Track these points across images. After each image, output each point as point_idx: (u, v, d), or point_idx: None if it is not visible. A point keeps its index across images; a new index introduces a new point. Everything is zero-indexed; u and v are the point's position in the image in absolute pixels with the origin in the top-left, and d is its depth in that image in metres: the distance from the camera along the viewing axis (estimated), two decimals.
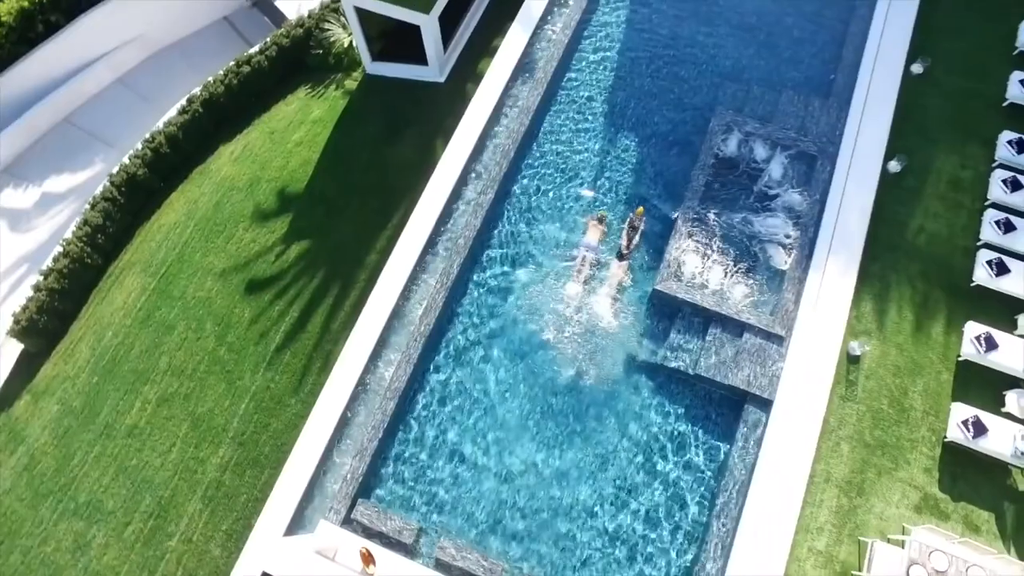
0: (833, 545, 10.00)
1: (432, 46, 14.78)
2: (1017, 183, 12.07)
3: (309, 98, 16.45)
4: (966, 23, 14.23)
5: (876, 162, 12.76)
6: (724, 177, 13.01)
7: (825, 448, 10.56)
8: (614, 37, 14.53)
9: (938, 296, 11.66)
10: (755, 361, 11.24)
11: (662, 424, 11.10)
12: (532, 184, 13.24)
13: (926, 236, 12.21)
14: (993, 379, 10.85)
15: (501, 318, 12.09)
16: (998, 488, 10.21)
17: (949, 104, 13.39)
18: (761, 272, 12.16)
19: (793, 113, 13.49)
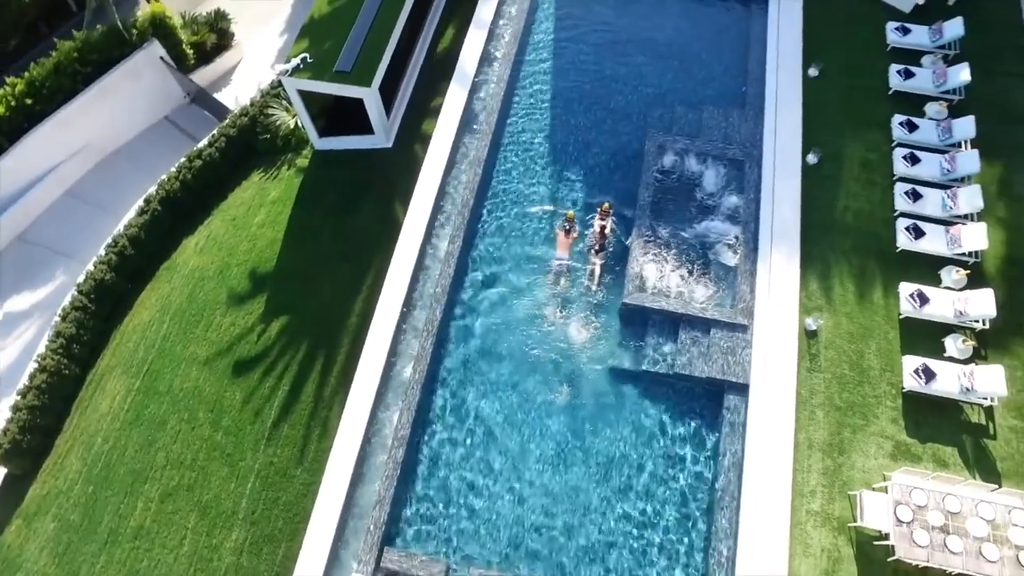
0: (827, 504, 11.18)
1: (376, 115, 16.15)
2: (915, 157, 14.08)
3: (264, 181, 17.51)
4: (844, 30, 16.59)
5: (796, 158, 14.62)
6: (667, 192, 14.61)
7: (803, 418, 11.85)
8: (544, 83, 16.24)
9: (872, 265, 13.35)
10: (725, 352, 12.59)
11: (653, 424, 12.22)
12: (494, 225, 14.52)
13: (851, 214, 14.00)
14: (932, 329, 12.48)
15: (489, 352, 13.13)
16: (955, 424, 11.68)
17: (845, 98, 15.49)
18: (716, 271, 13.65)
19: (716, 126, 15.34)
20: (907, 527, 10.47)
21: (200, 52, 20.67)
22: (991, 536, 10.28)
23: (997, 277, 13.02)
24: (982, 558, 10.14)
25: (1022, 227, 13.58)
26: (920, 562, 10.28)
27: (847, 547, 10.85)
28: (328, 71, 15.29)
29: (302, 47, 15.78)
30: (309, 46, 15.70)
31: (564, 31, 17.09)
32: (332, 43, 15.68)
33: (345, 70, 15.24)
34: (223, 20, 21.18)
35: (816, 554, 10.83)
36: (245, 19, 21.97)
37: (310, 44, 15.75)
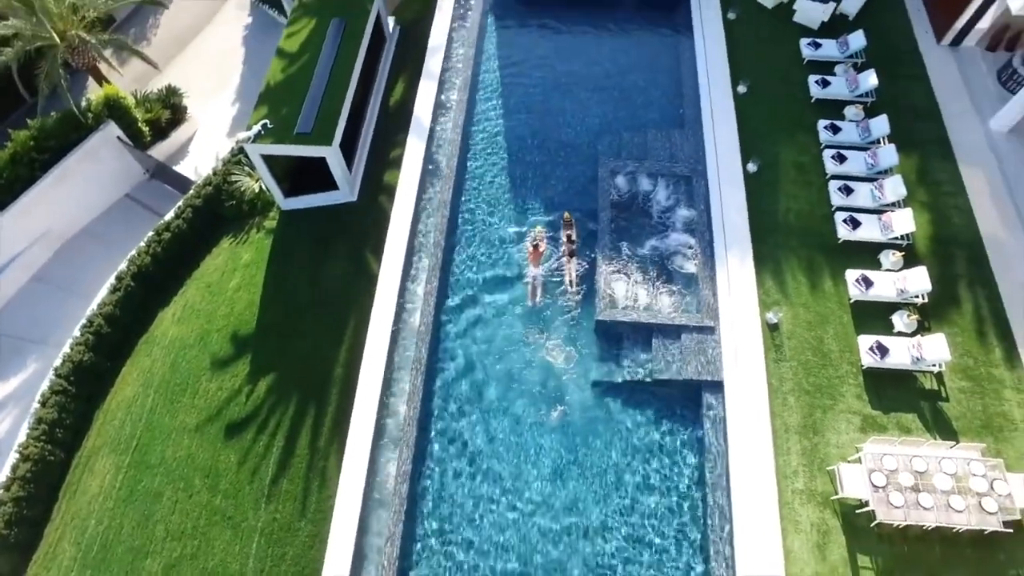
0: (809, 481, 12.17)
1: (339, 171, 17.08)
2: (842, 156, 15.72)
3: (235, 246, 18.14)
4: (763, 49, 18.43)
5: (737, 168, 16.09)
6: (624, 212, 15.85)
7: (776, 405, 12.92)
8: (498, 123, 17.49)
9: (818, 257, 14.73)
10: (697, 353, 13.67)
11: (640, 430, 13.13)
12: (467, 260, 15.46)
13: (793, 214, 15.43)
14: (879, 309, 13.84)
15: (478, 381, 13.93)
16: (912, 392, 12.94)
17: (774, 110, 17.16)
18: (678, 280, 14.83)
19: (661, 147, 16.77)
20: (883, 491, 11.52)
21: (155, 128, 21.37)
22: (955, 488, 11.41)
23: (928, 255, 14.56)
24: (951, 509, 11.23)
25: (942, 208, 15.26)
26: (899, 522, 11.30)
27: (833, 519, 11.83)
28: (289, 134, 16.23)
29: (261, 114, 16.69)
30: (268, 112, 16.63)
31: (510, 74, 18.48)
32: (290, 107, 16.67)
33: (306, 131, 16.20)
34: (175, 95, 21.97)
35: (806, 529, 11.76)
36: (196, 92, 22.82)
37: (269, 110, 16.68)
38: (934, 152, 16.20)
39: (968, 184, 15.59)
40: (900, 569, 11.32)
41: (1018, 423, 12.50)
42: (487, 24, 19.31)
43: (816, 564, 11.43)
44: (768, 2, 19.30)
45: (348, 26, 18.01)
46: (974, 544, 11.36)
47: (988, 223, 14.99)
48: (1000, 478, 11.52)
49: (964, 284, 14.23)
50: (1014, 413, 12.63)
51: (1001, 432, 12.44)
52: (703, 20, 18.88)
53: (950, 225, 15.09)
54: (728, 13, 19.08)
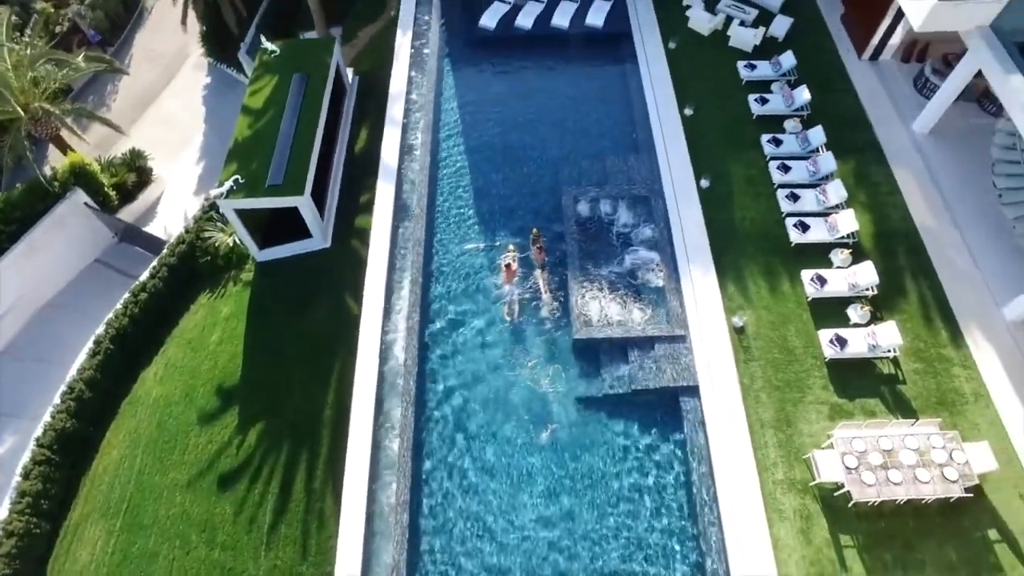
0: (788, 471, 13.04)
1: (312, 220, 17.80)
2: (786, 166, 17.10)
3: (213, 301, 18.60)
4: (704, 73, 19.93)
5: (691, 185, 17.31)
6: (590, 236, 16.84)
7: (750, 402, 13.84)
8: (462, 161, 18.49)
9: (774, 262, 15.89)
10: (672, 361, 14.58)
11: (625, 439, 13.89)
12: (445, 293, 16.19)
13: (748, 223, 16.64)
14: (835, 304, 14.99)
15: (468, 407, 14.52)
16: (872, 378, 14.03)
17: (719, 128, 18.54)
18: (647, 294, 15.81)
19: (619, 171, 17.95)
20: (855, 472, 12.45)
21: (122, 191, 21.91)
22: (920, 462, 12.41)
23: (873, 250, 15.86)
24: (918, 481, 12.21)
25: (880, 206, 16.67)
26: (873, 499, 12.22)
27: (814, 504, 12.68)
28: (261, 187, 16.93)
29: (232, 170, 17.34)
30: (238, 168, 17.29)
31: (470, 114, 19.57)
32: (259, 161, 17.40)
33: (277, 183, 16.93)
34: (140, 158, 22.58)
35: (790, 517, 12.57)
36: (160, 153, 23.48)
37: (239, 166, 17.35)
38: (867, 156, 17.71)
39: (900, 182, 17.08)
40: (879, 544, 12.18)
41: (968, 396, 13.68)
42: (444, 69, 20.48)
43: (802, 549, 12.23)
44: (704, 30, 20.95)
45: (310, 80, 18.97)
46: (942, 512, 12.33)
47: (921, 215, 16.44)
48: (958, 448, 12.58)
49: (907, 273, 15.53)
50: (964, 388, 13.81)
51: (954, 406, 13.58)
52: (646, 51, 20.39)
53: (889, 221, 16.48)
54: (669, 43, 20.64)
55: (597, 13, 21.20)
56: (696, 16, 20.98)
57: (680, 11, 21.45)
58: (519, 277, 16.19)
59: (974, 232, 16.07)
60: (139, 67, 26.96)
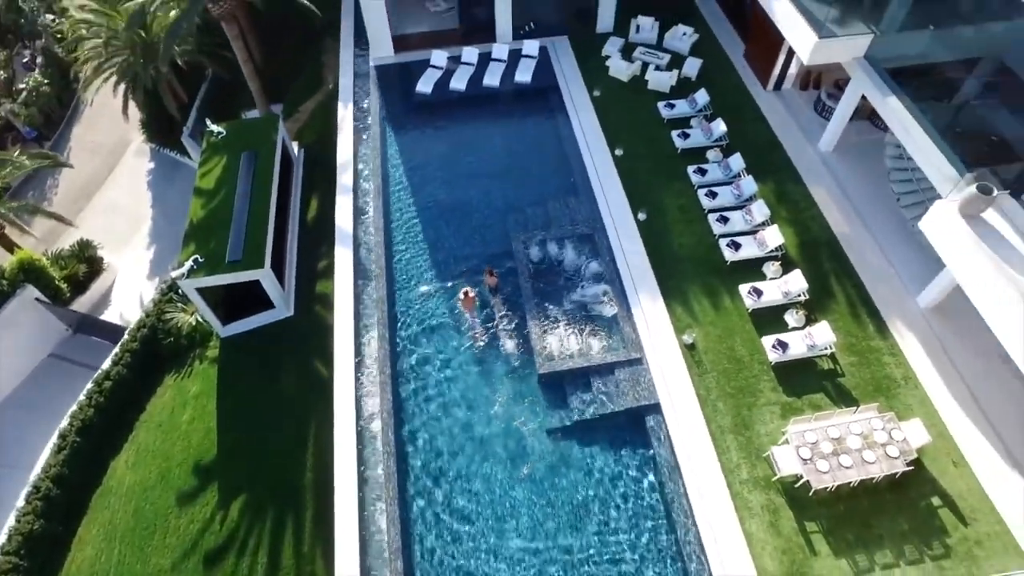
0: (751, 471, 14.22)
1: (274, 290, 18.53)
2: (713, 193, 18.90)
3: (180, 380, 18.91)
4: (629, 116, 21.84)
5: (630, 219, 18.87)
6: (542, 276, 18.07)
7: (708, 412, 15.06)
8: (415, 219, 19.59)
9: (713, 281, 17.43)
10: (632, 383, 15.74)
11: (599, 461, 14.86)
12: (413, 346, 17.01)
13: (685, 248, 18.22)
14: (773, 312, 16.55)
15: (447, 453, 15.20)
16: (815, 375, 15.51)
17: (649, 164, 20.32)
18: (602, 324, 17.04)
19: (562, 214, 19.38)
20: (811, 463, 13.71)
21: (74, 283, 22.10)
22: (865, 445, 13.80)
23: (800, 259, 17.61)
24: (865, 463, 13.56)
25: (800, 219, 18.56)
26: (829, 485, 13.48)
27: (778, 497, 13.85)
28: (222, 264, 17.63)
29: (190, 250, 17.99)
30: (196, 247, 17.98)
31: (417, 174, 20.77)
32: (217, 239, 18.15)
33: (237, 259, 17.67)
34: (89, 248, 22.90)
35: (759, 512, 13.68)
36: (109, 241, 23.85)
37: (197, 245, 18.04)
38: (783, 175, 19.74)
39: (815, 196, 19.08)
40: (841, 525, 13.39)
41: (899, 381, 15.28)
42: (387, 134, 21.76)
43: (773, 540, 13.32)
44: (624, 77, 23.02)
45: (258, 158, 19.97)
46: (890, 488, 13.69)
47: (837, 224, 18.39)
48: (896, 428, 14.03)
49: (832, 277, 17.28)
50: (894, 373, 15.42)
51: (888, 391, 15.15)
52: (574, 101, 22.25)
53: (810, 232, 18.35)
54: (593, 91, 22.58)
55: (524, 70, 23.08)
56: (615, 65, 23.09)
57: (600, 62, 23.56)
58: (477, 306, 17.45)
59: (883, 233, 18.06)
60: (79, 158, 27.38)
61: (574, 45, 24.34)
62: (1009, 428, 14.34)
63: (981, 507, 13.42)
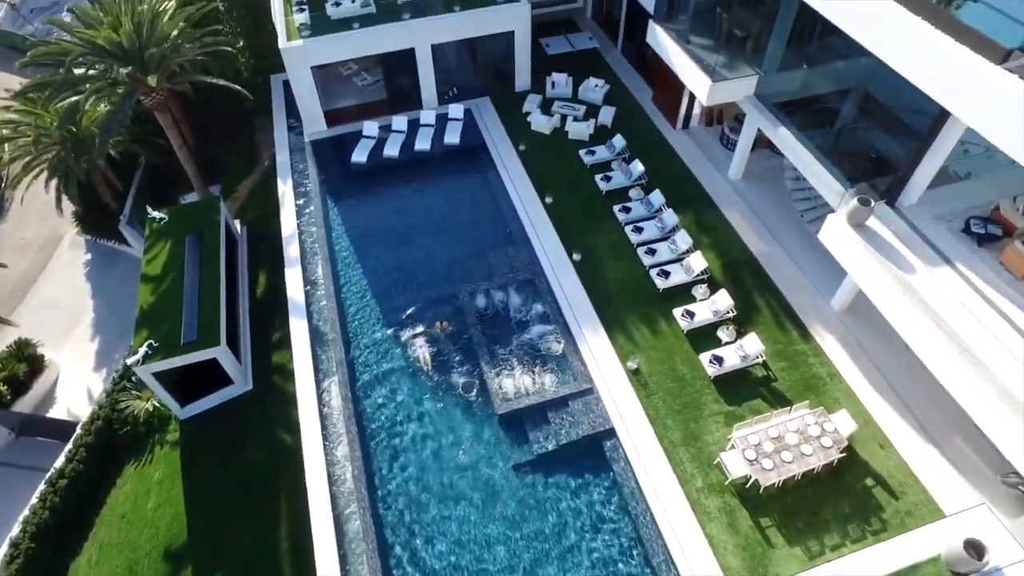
0: (705, 478, 15.45)
1: (231, 366, 19.01)
2: (639, 228, 20.67)
3: (142, 469, 18.92)
4: (554, 165, 23.62)
5: (566, 261, 20.36)
6: (491, 323, 19.25)
7: (659, 430, 16.32)
8: (364, 284, 20.47)
9: (649, 308, 18.98)
10: (587, 412, 16.91)
11: (565, 489, 15.82)
12: (376, 405, 17.72)
13: (620, 282, 19.77)
14: (706, 331, 18.14)
15: (422, 506, 15.83)
16: (751, 383, 17.07)
17: (578, 209, 22.01)
18: (552, 361, 18.24)
19: (502, 262, 20.74)
20: (757, 463, 15.06)
21: (14, 384, 21.82)
22: (802, 439, 15.28)
23: (724, 279, 19.42)
24: (804, 456, 15.02)
25: (720, 243, 20.49)
26: (775, 481, 14.83)
27: (732, 499, 15.09)
28: (177, 346, 18.07)
29: (143, 336, 18.36)
30: (149, 333, 18.37)
31: (361, 239, 21.79)
32: (170, 322, 18.62)
33: (192, 339, 18.16)
34: (28, 347, 22.73)
35: (717, 516, 14.86)
36: (50, 337, 23.71)
37: (150, 330, 18.44)
38: (700, 205, 21.76)
39: (731, 221, 21.11)
40: (791, 516, 14.71)
41: (824, 378, 17.00)
42: (328, 205, 22.79)
43: (733, 539, 14.49)
44: (546, 130, 24.93)
45: (203, 239, 20.66)
46: (830, 476, 15.16)
47: (753, 243, 20.39)
48: (827, 420, 15.61)
49: (755, 292, 19.11)
50: (820, 372, 17.14)
51: (817, 388, 16.82)
52: (502, 157, 23.93)
53: (730, 253, 20.25)
54: (519, 146, 24.34)
55: (452, 133, 24.71)
56: (536, 120, 25.02)
57: (522, 118, 25.45)
58: (434, 355, 18.64)
59: (794, 247, 20.11)
60: (10, 258, 27.14)
61: (496, 105, 26.26)
62: (922, 407, 16.14)
63: (908, 481, 15.04)
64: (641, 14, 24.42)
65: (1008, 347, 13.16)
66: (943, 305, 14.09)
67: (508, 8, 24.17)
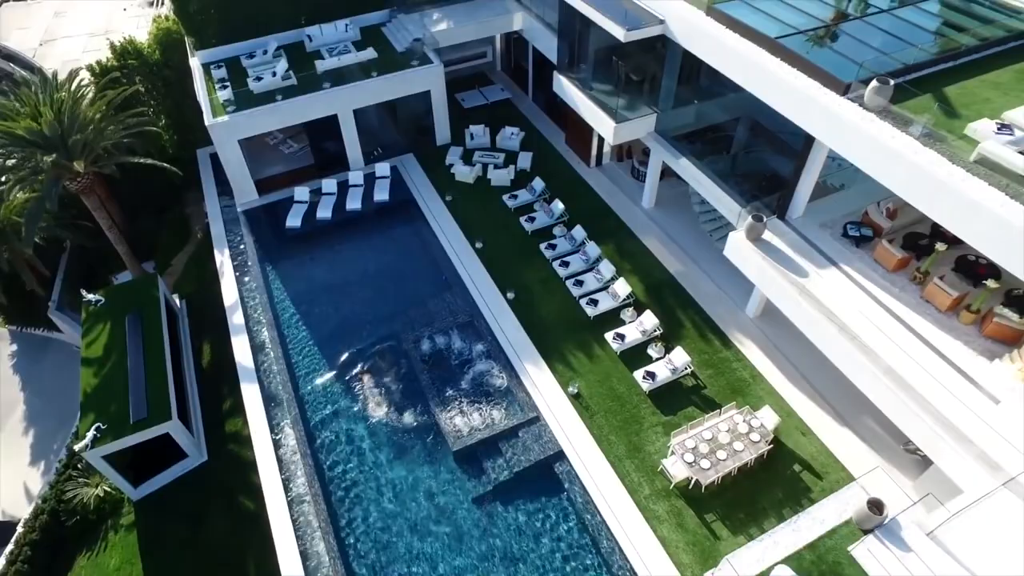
0: (651, 485, 16.75)
1: (184, 440, 19.22)
2: (566, 262, 22.31)
3: (96, 558, 18.74)
4: (480, 211, 25.11)
5: (501, 300, 21.68)
6: (437, 366, 20.26)
7: (604, 447, 17.59)
8: (311, 345, 21.16)
9: (583, 335, 20.45)
10: (536, 439, 18.05)
11: (524, 513, 16.81)
12: (336, 460, 18.27)
13: (553, 314, 21.21)
14: (637, 349, 19.72)
15: (387, 540, 16.50)
16: (682, 393, 18.67)
17: (507, 251, 23.47)
18: (498, 396, 19.35)
19: (442, 308, 21.87)
20: (696, 465, 16.49)
21: None
22: (733, 438, 16.86)
23: (648, 301, 21.16)
24: (737, 453, 16.57)
25: (641, 268, 22.32)
26: (714, 478, 16.27)
27: (678, 500, 16.42)
28: (127, 425, 18.21)
29: (90, 419, 18.38)
30: (96, 415, 18.43)
31: (304, 300, 22.52)
32: (117, 402, 18.74)
33: (143, 416, 18.34)
34: None
35: (666, 518, 16.13)
36: None
37: (96, 413, 18.50)
38: (620, 235, 23.65)
39: (649, 246, 23.04)
40: (732, 509, 16.14)
41: (748, 380, 18.79)
42: (267, 271, 23.40)
43: (683, 536, 15.76)
44: (469, 179, 26.50)
45: (143, 317, 20.94)
46: (762, 467, 16.75)
47: (672, 265, 22.32)
48: (753, 417, 17.28)
49: (678, 309, 20.91)
50: (743, 375, 18.93)
51: (741, 390, 18.57)
52: (430, 208, 25.28)
53: (652, 276, 22.08)
54: (446, 196, 25.76)
55: (381, 190, 25.94)
56: (459, 171, 26.58)
57: (446, 170, 26.97)
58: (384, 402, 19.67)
59: (709, 264, 22.12)
60: None
61: (420, 160, 27.74)
62: (834, 395, 18.04)
63: (829, 461, 16.80)
64: (547, 64, 26.63)
65: (886, 332, 15.23)
66: (832, 301, 16.11)
67: (423, 70, 25.92)
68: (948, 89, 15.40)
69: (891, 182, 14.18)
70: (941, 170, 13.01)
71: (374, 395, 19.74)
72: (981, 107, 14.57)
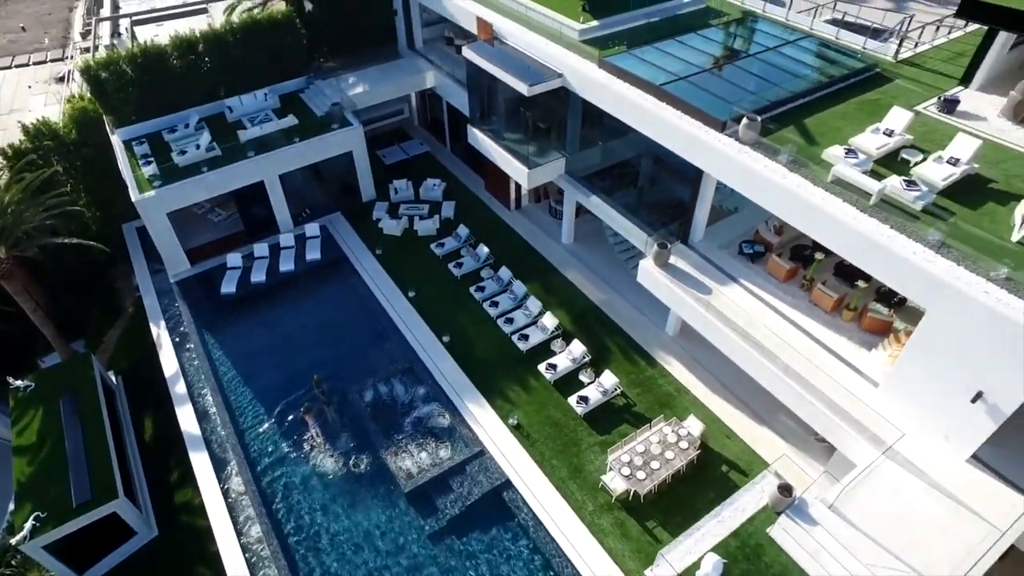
0: (594, 501, 17.88)
1: (133, 517, 19.00)
2: (495, 302, 23.60)
3: None
4: (410, 262, 26.22)
5: (437, 344, 22.68)
6: (382, 411, 20.96)
7: (547, 470, 18.66)
8: (254, 403, 21.44)
9: (518, 368, 21.64)
10: (483, 472, 18.96)
11: (480, 543, 17.56)
12: (299, 517, 18.54)
13: (488, 351, 22.35)
14: (569, 376, 21.08)
15: None
16: (615, 412, 20.06)
17: (439, 297, 24.55)
18: (443, 435, 20.20)
19: (382, 356, 22.65)
20: (632, 477, 17.75)
21: None
22: (664, 448, 18.26)
23: (575, 330, 22.65)
24: (669, 461, 17.96)
25: (566, 300, 23.88)
26: (651, 487, 17.56)
27: (620, 513, 17.60)
28: (70, 509, 17.93)
29: (27, 509, 17.93)
30: (34, 504, 18.05)
31: (246, 364, 22.76)
32: (56, 487, 18.42)
33: (87, 498, 18.13)
34: None
35: (610, 531, 17.25)
36: None
37: (33, 502, 18.11)
38: (544, 271, 25.21)
39: (571, 280, 24.68)
40: (671, 514, 17.43)
41: (673, 393, 20.41)
42: (205, 338, 23.52)
43: (628, 545, 16.90)
44: (397, 232, 27.61)
45: (79, 398, 20.74)
46: (693, 471, 18.22)
47: (594, 295, 23.98)
48: (680, 427, 18.80)
49: (604, 335, 22.47)
50: (668, 389, 20.53)
51: (668, 403, 20.14)
52: (362, 263, 26.20)
53: (576, 307, 23.62)
54: (376, 250, 26.74)
55: (312, 249, 26.69)
56: (386, 224, 27.68)
57: (373, 225, 28.02)
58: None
59: (628, 291, 23.84)
60: None
61: (348, 217, 28.72)
62: (751, 398, 19.83)
63: (753, 459, 18.44)
64: (461, 118, 28.31)
65: (782, 335, 17.12)
66: (735, 313, 17.95)
67: (343, 132, 27.10)
68: (807, 121, 17.82)
69: (768, 204, 16.24)
70: (805, 191, 15.10)
71: (324, 448, 20.20)
72: (834, 135, 16.96)
